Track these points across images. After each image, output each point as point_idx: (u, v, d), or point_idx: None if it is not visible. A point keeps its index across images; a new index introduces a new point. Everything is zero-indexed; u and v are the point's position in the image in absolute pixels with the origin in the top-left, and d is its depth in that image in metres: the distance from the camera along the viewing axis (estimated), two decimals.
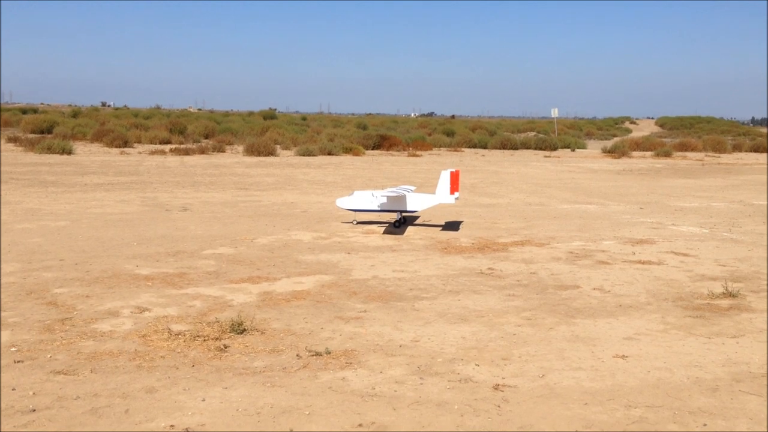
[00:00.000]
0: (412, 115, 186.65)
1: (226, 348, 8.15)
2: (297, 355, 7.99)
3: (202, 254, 13.42)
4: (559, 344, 8.56)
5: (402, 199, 16.96)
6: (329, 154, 42.49)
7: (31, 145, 38.27)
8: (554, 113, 76.59)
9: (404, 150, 48.16)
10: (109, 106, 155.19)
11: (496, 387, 7.14)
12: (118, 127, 49.58)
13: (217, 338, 8.44)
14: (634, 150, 53.77)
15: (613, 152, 49.93)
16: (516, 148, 55.07)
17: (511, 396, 6.93)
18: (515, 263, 13.27)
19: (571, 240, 15.86)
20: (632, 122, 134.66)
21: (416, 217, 18.53)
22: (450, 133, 63.00)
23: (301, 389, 7.01)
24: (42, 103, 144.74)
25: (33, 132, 50.62)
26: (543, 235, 16.38)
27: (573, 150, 56.11)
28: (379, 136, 51.80)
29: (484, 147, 55.62)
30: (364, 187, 24.41)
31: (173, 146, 42.97)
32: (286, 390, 6.98)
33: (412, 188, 18.14)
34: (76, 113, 77.81)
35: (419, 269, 12.69)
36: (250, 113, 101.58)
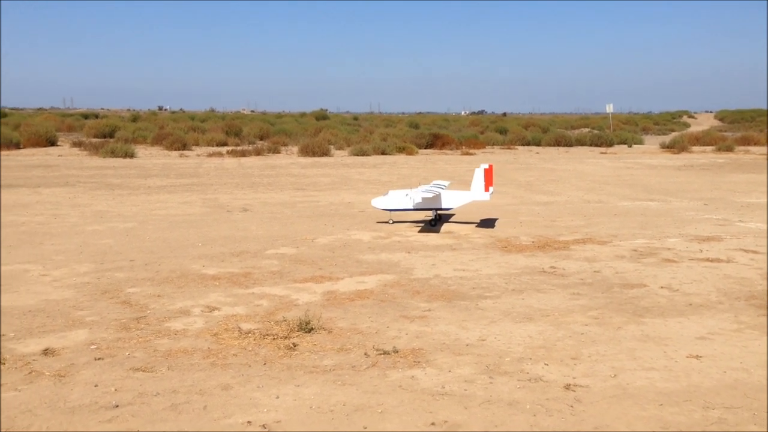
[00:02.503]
0: (462, 113, 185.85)
1: (295, 346, 8.28)
2: (365, 354, 8.07)
3: (265, 254, 13.65)
4: (629, 344, 8.44)
5: (437, 197, 16.97)
6: (383, 153, 42.63)
7: (95, 150, 39.46)
8: (609, 109, 75.28)
9: (457, 148, 48.01)
10: (165, 110, 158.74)
11: (568, 387, 7.08)
12: (176, 131, 50.70)
13: (285, 337, 8.59)
14: (694, 145, 52.42)
15: (672, 147, 48.76)
16: (571, 145, 54.29)
17: (583, 396, 6.87)
18: (578, 262, 13.12)
19: (633, 238, 15.58)
20: (690, 116, 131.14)
21: (451, 215, 18.43)
22: (502, 131, 62.50)
23: (371, 387, 7.08)
24: (102, 108, 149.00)
25: (96, 136, 52.14)
26: (604, 233, 16.14)
27: (630, 146, 55.01)
28: (431, 134, 51.73)
29: (538, 144, 55.00)
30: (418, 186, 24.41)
31: (230, 148, 43.75)
32: (357, 388, 7.06)
33: (446, 184, 18.06)
34: (135, 117, 79.84)
35: (480, 268, 12.65)
36: (302, 114, 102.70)
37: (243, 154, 40.27)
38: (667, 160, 40.49)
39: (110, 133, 52.90)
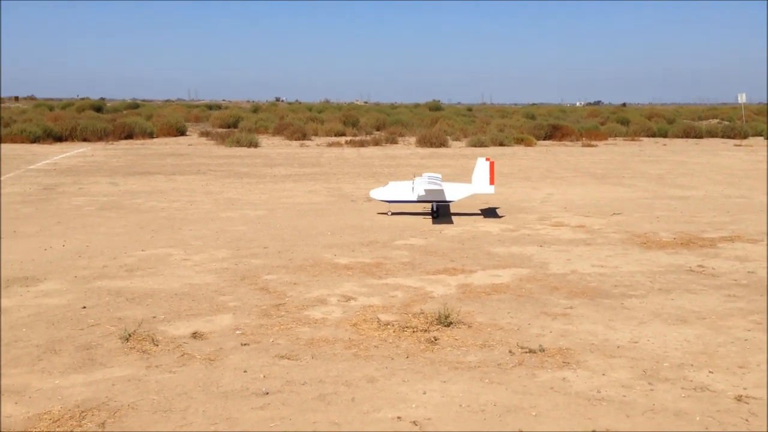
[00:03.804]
0: (578, 103, 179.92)
1: (436, 340, 8.09)
2: (509, 351, 7.77)
3: (395, 244, 13.56)
4: None
5: (440, 189, 16.63)
6: (500, 144, 41.86)
7: (221, 139, 40.96)
8: (741, 99, 70.45)
9: (577, 140, 46.48)
10: (283, 101, 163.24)
11: (739, 398, 6.50)
12: (296, 121, 51.88)
13: (425, 330, 8.41)
14: None
15: None
16: (700, 137, 51.35)
17: (758, 409, 6.28)
18: (728, 261, 12.21)
19: None
20: None
21: (448, 207, 17.99)
22: (624, 122, 59.91)
23: (521, 388, 6.78)
24: (224, 100, 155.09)
25: (221, 126, 54.20)
26: (754, 230, 14.99)
27: (766, 138, 51.37)
28: (550, 125, 50.30)
29: (664, 136, 52.36)
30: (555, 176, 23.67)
31: (348, 138, 44.29)
32: (506, 388, 6.77)
33: (439, 176, 17.82)
34: (256, 108, 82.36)
35: (620, 264, 12.02)
36: (416, 105, 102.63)
37: (361, 144, 40.63)
38: None
39: (234, 124, 54.81)
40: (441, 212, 17.15)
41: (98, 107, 70.96)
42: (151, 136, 44.90)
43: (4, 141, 38.11)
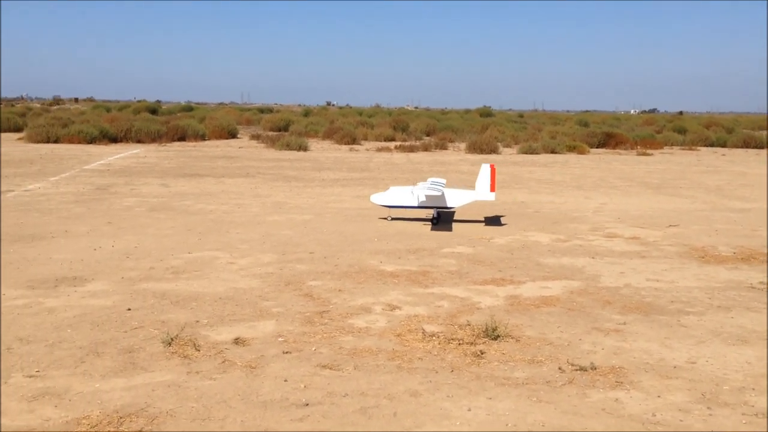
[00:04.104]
0: (632, 111, 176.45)
1: (482, 354, 7.83)
2: (559, 368, 7.45)
3: (442, 252, 13.31)
4: None
5: (441, 195, 16.30)
6: (552, 152, 41.16)
7: (271, 142, 41.29)
8: None
9: (632, 148, 45.41)
10: (333, 105, 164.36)
11: None
12: (346, 125, 52.00)
13: (471, 343, 8.16)
14: None
15: None
16: (762, 147, 49.61)
17: None
18: None
19: None
20: None
21: (452, 213, 17.65)
22: (681, 131, 58.33)
23: (571, 408, 6.47)
24: (275, 103, 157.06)
25: (271, 130, 54.73)
26: None
27: None
28: (603, 133, 49.29)
29: (723, 145, 50.79)
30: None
31: (397, 143, 44.15)
32: (555, 407, 6.48)
33: (443, 182, 17.52)
34: (307, 112, 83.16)
35: (676, 279, 11.54)
36: (467, 111, 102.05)
37: (411, 149, 40.43)
38: None
39: (285, 127, 55.30)
40: (442, 219, 16.90)
41: (153, 109, 72.53)
42: (203, 138, 45.56)
43: (61, 141, 39.13)
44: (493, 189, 16.56)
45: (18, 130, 47.18)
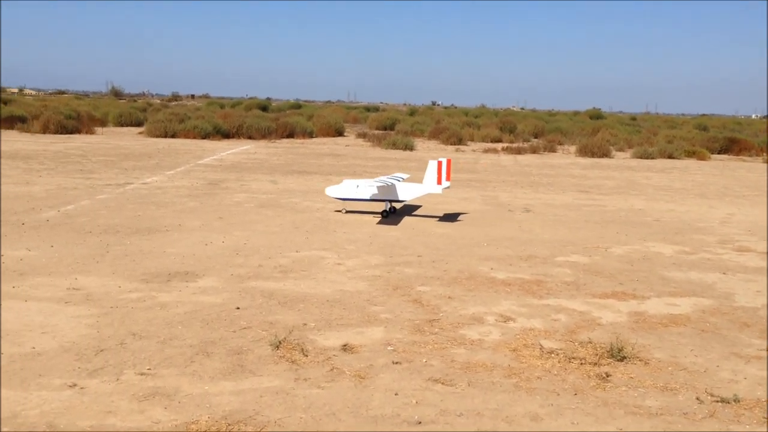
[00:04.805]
0: (754, 116, 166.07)
1: (608, 377, 7.20)
2: (697, 399, 6.73)
3: (555, 261, 12.63)
4: None
5: (392, 188, 16.20)
6: (669, 157, 39.10)
7: (377, 141, 41.31)
8: None
9: (758, 155, 42.53)
10: (438, 105, 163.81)
11: None
12: (452, 125, 51.41)
13: (594, 363, 7.53)
14: None
15: None
16: None
17: None
18: None
19: None
20: None
21: (406, 207, 17.69)
22: None
23: None
24: (381, 102, 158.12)
25: (377, 128, 54.87)
26: None
27: None
28: (726, 138, 46.42)
29: None
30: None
31: (504, 145, 43.21)
32: None
33: (405, 176, 17.63)
34: (412, 111, 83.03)
35: None
36: (576, 113, 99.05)
37: (518, 151, 39.44)
38: None
39: (390, 126, 55.32)
40: (394, 211, 16.80)
41: (264, 107, 74.41)
42: (310, 135, 46.18)
43: (178, 136, 40.61)
44: (439, 182, 16.52)
45: (139, 124, 49.42)
